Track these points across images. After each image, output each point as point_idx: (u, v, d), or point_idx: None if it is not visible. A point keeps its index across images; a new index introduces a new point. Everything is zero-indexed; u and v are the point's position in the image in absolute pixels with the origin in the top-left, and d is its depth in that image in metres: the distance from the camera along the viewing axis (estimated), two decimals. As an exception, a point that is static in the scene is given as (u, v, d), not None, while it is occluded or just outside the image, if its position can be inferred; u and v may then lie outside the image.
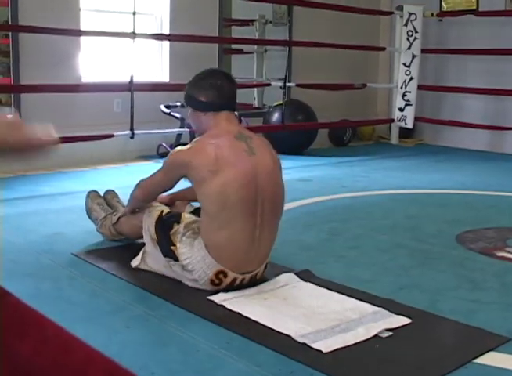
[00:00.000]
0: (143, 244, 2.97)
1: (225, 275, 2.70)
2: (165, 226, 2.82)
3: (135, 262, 2.97)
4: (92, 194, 3.57)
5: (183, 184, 2.95)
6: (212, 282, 2.70)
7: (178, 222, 2.81)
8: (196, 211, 2.96)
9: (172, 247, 2.75)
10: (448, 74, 8.06)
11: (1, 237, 3.48)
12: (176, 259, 2.75)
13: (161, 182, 2.92)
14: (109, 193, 3.64)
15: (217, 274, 2.69)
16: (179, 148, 2.85)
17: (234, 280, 2.72)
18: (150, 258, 2.92)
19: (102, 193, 3.61)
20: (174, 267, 2.78)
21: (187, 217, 2.85)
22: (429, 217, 4.29)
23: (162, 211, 2.91)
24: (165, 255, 2.80)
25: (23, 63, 5.61)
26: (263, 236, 2.75)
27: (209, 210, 2.68)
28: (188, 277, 2.74)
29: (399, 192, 5.08)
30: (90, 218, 3.51)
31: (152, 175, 2.97)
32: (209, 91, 2.83)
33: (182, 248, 2.71)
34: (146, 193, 3.02)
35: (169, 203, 3.16)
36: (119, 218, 3.27)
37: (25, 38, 5.54)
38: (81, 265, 3.10)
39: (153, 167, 5.84)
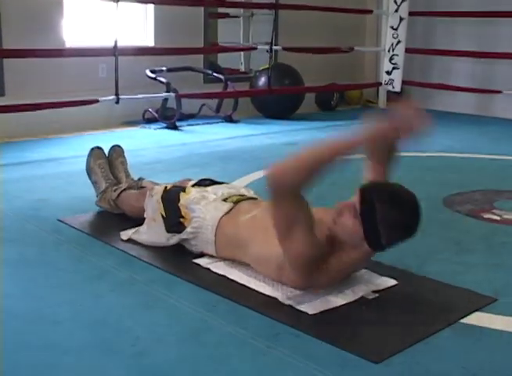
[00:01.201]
0: (139, 220, 2.92)
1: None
2: (172, 198, 2.75)
3: (124, 236, 2.93)
4: (95, 152, 3.38)
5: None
6: (202, 254, 2.69)
7: (184, 191, 2.77)
8: (201, 183, 2.91)
9: (181, 220, 2.69)
10: (436, 37, 8.01)
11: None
12: (182, 230, 2.68)
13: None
14: (116, 149, 3.45)
15: (210, 255, 2.67)
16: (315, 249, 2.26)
17: None
18: (140, 237, 2.87)
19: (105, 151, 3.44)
20: (171, 240, 2.74)
21: (192, 190, 2.79)
22: (416, 180, 4.25)
23: (166, 187, 2.86)
24: (171, 231, 2.73)
25: (4, 28, 5.51)
26: None
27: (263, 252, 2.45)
28: (182, 238, 2.71)
29: (387, 155, 5.05)
30: (89, 178, 3.37)
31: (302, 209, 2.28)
32: (397, 238, 2.26)
33: (192, 218, 2.65)
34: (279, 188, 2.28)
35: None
36: (119, 194, 3.18)
37: (6, 3, 5.44)
38: (66, 230, 3.07)
39: (139, 132, 5.85)
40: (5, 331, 2.06)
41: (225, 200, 2.70)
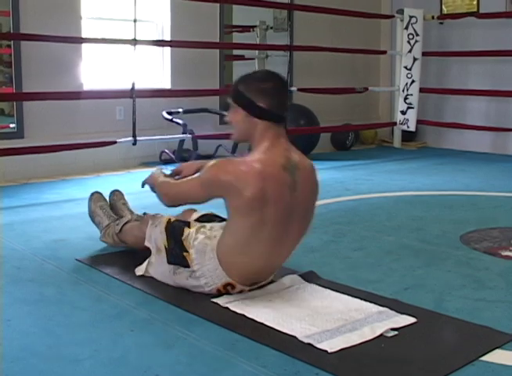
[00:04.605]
0: (148, 251, 2.93)
1: (233, 287, 2.68)
2: (176, 232, 2.76)
3: (139, 272, 2.95)
4: (95, 196, 3.50)
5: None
6: (219, 291, 2.69)
7: (189, 227, 2.77)
8: (203, 218, 2.94)
9: (185, 254, 2.70)
10: (450, 77, 8.07)
11: (4, 244, 3.49)
12: (186, 266, 2.70)
13: (194, 194, 2.67)
14: (116, 193, 3.55)
15: (225, 285, 2.67)
16: (223, 162, 2.57)
17: (241, 291, 2.70)
18: (153, 269, 2.89)
19: (106, 195, 3.54)
20: (179, 275, 2.75)
21: (195, 224, 2.79)
22: (433, 218, 4.28)
23: (170, 219, 2.87)
24: (172, 262, 2.74)
25: (25, 72, 5.63)
26: (282, 254, 2.73)
27: (237, 236, 2.57)
28: (192, 284, 2.71)
29: (403, 194, 5.07)
30: (93, 221, 3.47)
31: (182, 183, 2.78)
32: (271, 98, 2.57)
33: (194, 254, 2.67)
34: (172, 201, 2.81)
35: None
36: (122, 227, 3.24)
37: (27, 47, 5.56)
38: (84, 270, 3.10)
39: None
40: (25, 370, 2.07)
41: None
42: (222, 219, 2.90)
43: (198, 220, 2.93)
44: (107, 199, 3.54)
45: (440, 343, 2.32)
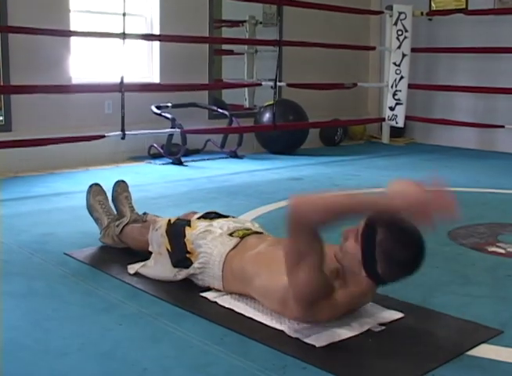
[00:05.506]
0: (145, 252, 2.94)
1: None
2: (178, 233, 2.75)
3: (131, 270, 2.94)
4: (94, 189, 3.37)
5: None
6: (208, 287, 2.70)
7: (190, 226, 2.77)
8: (206, 216, 2.92)
9: (188, 255, 2.70)
10: (438, 73, 8.09)
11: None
12: (189, 265, 2.70)
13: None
14: (120, 184, 3.43)
15: (217, 289, 2.68)
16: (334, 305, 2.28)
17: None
18: (148, 271, 2.87)
19: (104, 187, 3.43)
20: (178, 276, 2.75)
21: (198, 224, 2.79)
22: (421, 214, 4.29)
23: (169, 220, 2.86)
24: (176, 265, 2.74)
25: (12, 65, 5.60)
26: None
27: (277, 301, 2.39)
28: (191, 272, 2.72)
29: (391, 190, 5.08)
30: (90, 215, 3.37)
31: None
32: (394, 270, 2.20)
33: (199, 254, 2.66)
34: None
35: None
36: (122, 229, 3.20)
37: (14, 40, 5.53)
38: (73, 264, 3.09)
39: (144, 168, 5.88)
40: (13, 363, 2.07)
41: (231, 234, 2.70)
42: (227, 217, 2.92)
43: (203, 217, 2.92)
44: (110, 190, 3.42)
45: (427, 338, 2.33)
